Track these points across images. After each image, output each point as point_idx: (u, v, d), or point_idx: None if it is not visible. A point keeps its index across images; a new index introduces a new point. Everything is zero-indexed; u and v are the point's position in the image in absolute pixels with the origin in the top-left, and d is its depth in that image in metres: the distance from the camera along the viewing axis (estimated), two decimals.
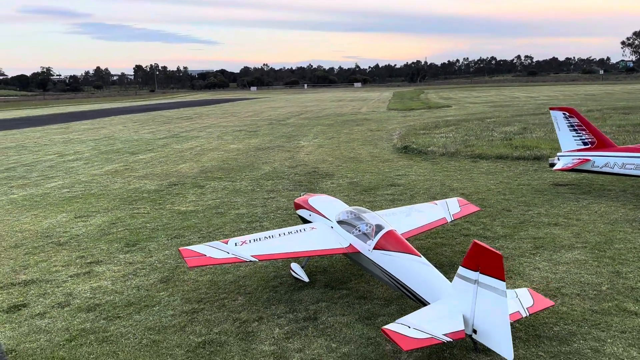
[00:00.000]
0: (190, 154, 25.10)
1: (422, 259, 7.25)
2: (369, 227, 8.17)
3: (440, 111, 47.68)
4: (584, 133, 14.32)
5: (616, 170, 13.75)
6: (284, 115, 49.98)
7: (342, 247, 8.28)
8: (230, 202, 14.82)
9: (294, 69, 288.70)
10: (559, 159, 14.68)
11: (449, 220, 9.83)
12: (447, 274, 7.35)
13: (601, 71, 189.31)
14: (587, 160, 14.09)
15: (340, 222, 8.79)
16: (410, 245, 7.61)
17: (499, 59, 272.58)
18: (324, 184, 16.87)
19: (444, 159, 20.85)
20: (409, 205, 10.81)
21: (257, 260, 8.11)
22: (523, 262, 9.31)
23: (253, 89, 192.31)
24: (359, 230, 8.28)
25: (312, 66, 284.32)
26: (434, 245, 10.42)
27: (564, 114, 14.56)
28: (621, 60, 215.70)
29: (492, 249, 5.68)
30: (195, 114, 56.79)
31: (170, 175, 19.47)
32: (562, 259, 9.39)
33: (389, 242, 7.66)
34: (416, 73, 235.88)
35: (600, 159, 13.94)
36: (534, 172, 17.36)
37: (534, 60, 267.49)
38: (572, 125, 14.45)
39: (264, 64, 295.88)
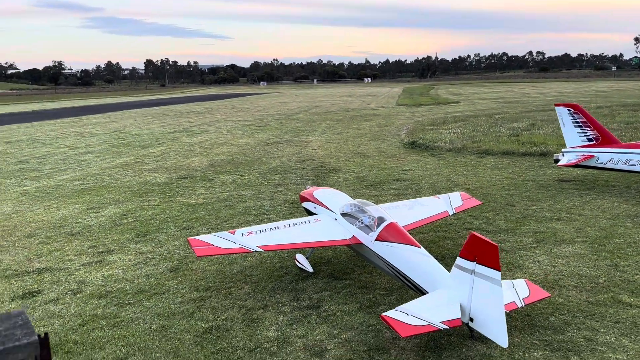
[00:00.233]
0: (200, 148, 25.41)
1: (422, 250, 7.47)
2: (371, 220, 8.39)
3: (450, 107, 47.66)
4: (588, 129, 14.43)
5: (620, 166, 13.86)
6: (293, 111, 50.18)
7: (346, 239, 8.51)
8: (238, 195, 15.09)
9: (304, 64, 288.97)
10: (563, 155, 14.81)
11: (451, 213, 10.03)
12: (449, 266, 7.52)
13: (614, 68, 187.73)
14: (592, 156, 14.20)
15: (344, 215, 9.02)
16: (411, 237, 7.83)
17: (510, 54, 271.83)
18: (330, 179, 17.09)
19: (450, 154, 20.99)
20: (413, 199, 11.03)
21: (263, 251, 8.35)
22: (523, 255, 9.49)
23: (263, 84, 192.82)
24: (362, 223, 8.51)
25: (322, 61, 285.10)
26: (437, 238, 10.62)
27: (569, 110, 14.67)
28: (634, 57, 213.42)
29: (488, 240, 5.90)
30: (205, 109, 57.14)
31: (180, 169, 19.79)
32: (562, 252, 9.57)
33: (391, 234, 7.88)
34: (427, 68, 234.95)
35: (605, 155, 14.05)
36: (539, 168, 17.48)
37: (546, 56, 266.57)
38: (577, 122, 14.56)
39: (274, 59, 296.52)
